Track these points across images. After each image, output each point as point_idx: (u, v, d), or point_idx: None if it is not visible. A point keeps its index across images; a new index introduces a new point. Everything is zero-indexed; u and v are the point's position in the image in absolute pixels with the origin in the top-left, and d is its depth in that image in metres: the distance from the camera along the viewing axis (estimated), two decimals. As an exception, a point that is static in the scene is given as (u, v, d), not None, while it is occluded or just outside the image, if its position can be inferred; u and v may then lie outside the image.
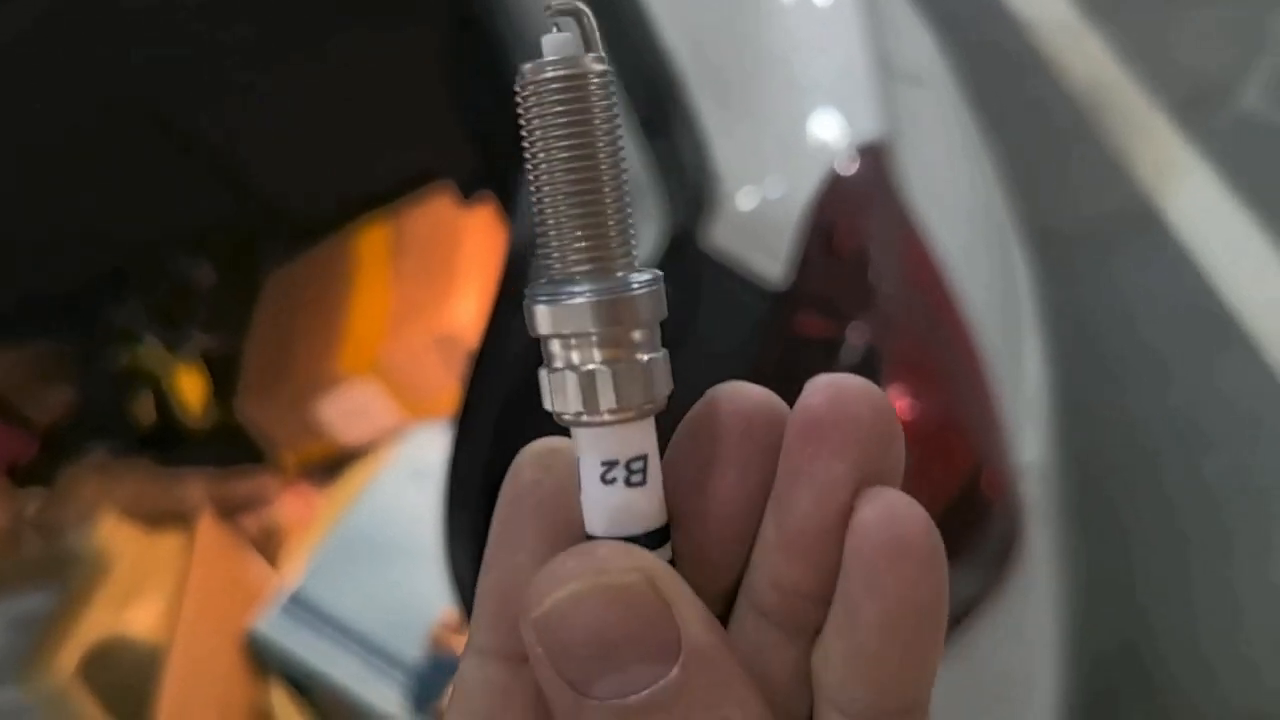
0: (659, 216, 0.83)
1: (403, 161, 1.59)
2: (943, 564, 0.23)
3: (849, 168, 0.86)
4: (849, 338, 0.79)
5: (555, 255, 0.24)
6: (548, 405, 0.25)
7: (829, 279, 0.82)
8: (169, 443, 1.77)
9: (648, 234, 0.84)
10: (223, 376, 1.73)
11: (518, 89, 0.24)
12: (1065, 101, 2.28)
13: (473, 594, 0.83)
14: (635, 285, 0.24)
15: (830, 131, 0.89)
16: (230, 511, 1.57)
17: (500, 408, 0.84)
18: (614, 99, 0.24)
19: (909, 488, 0.74)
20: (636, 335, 0.24)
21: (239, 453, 1.66)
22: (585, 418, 0.24)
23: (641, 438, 0.25)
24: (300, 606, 1.37)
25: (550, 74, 0.23)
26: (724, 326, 0.75)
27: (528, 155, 0.24)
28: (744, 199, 0.82)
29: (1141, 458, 1.76)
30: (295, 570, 1.41)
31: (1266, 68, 2.18)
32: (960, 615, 0.85)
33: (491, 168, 1.15)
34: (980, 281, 1.01)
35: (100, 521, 1.35)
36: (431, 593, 1.37)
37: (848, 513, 0.23)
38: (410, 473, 1.44)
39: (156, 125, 1.51)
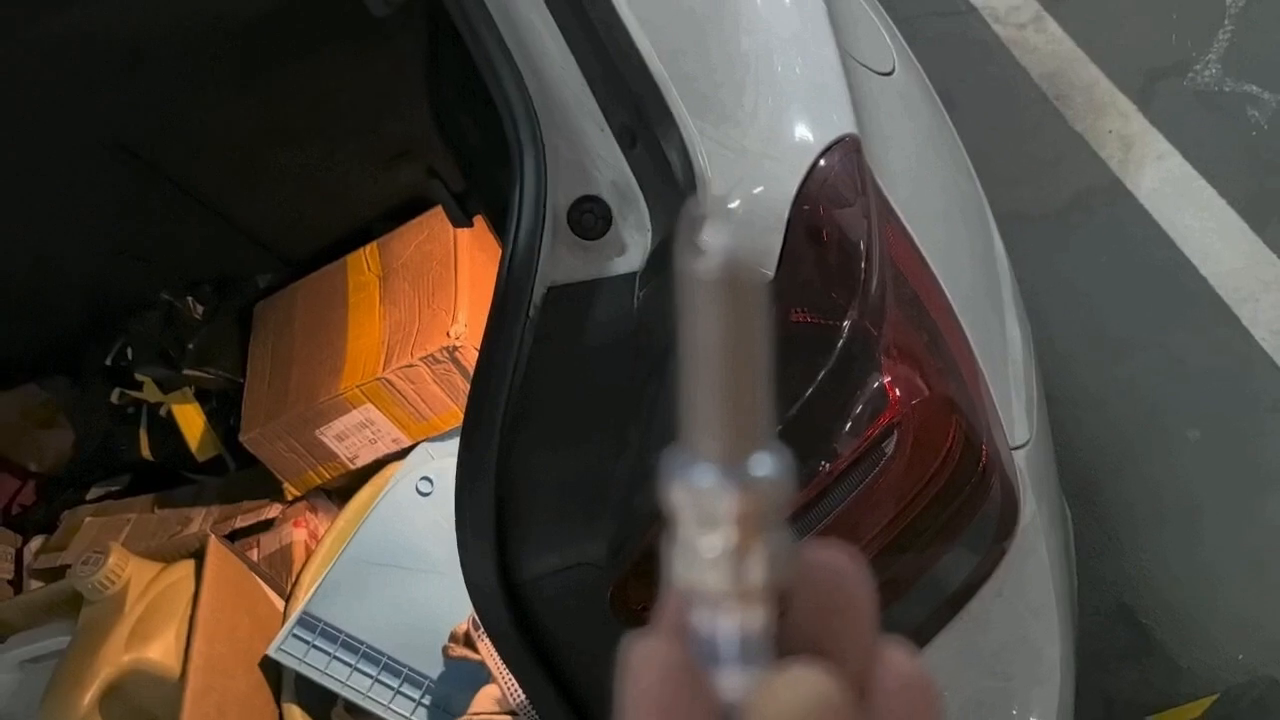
0: (649, 223, 0.86)
1: (389, 186, 1.61)
2: None
3: (828, 162, 0.88)
4: (840, 325, 0.81)
5: (705, 436, 0.25)
6: (677, 578, 0.26)
7: (817, 271, 0.84)
8: (170, 478, 1.78)
9: (639, 242, 0.86)
10: (220, 408, 1.74)
11: (690, 285, 0.24)
12: (1028, 84, 2.32)
13: (489, 603, 0.84)
14: (769, 472, 0.25)
15: (807, 128, 0.91)
16: (235, 540, 1.58)
17: (504, 421, 0.85)
18: (767, 300, 0.25)
19: (908, 467, 0.76)
20: (768, 519, 0.25)
21: (242, 483, 1.67)
22: (720, 597, 0.26)
23: (767, 614, 0.26)
24: (312, 629, 1.38)
25: (721, 277, 0.24)
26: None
27: (685, 343, 0.24)
28: (730, 199, 0.84)
29: (1120, 429, 1.80)
30: (306, 594, 1.43)
31: (1224, 40, 2.23)
32: (966, 588, 0.88)
33: (480, 186, 1.16)
34: (961, 264, 1.04)
35: (106, 559, 1.36)
36: (443, 606, 1.38)
37: None
38: (414, 492, 1.46)
39: (138, 164, 1.52)
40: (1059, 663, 1.00)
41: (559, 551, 0.88)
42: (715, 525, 0.25)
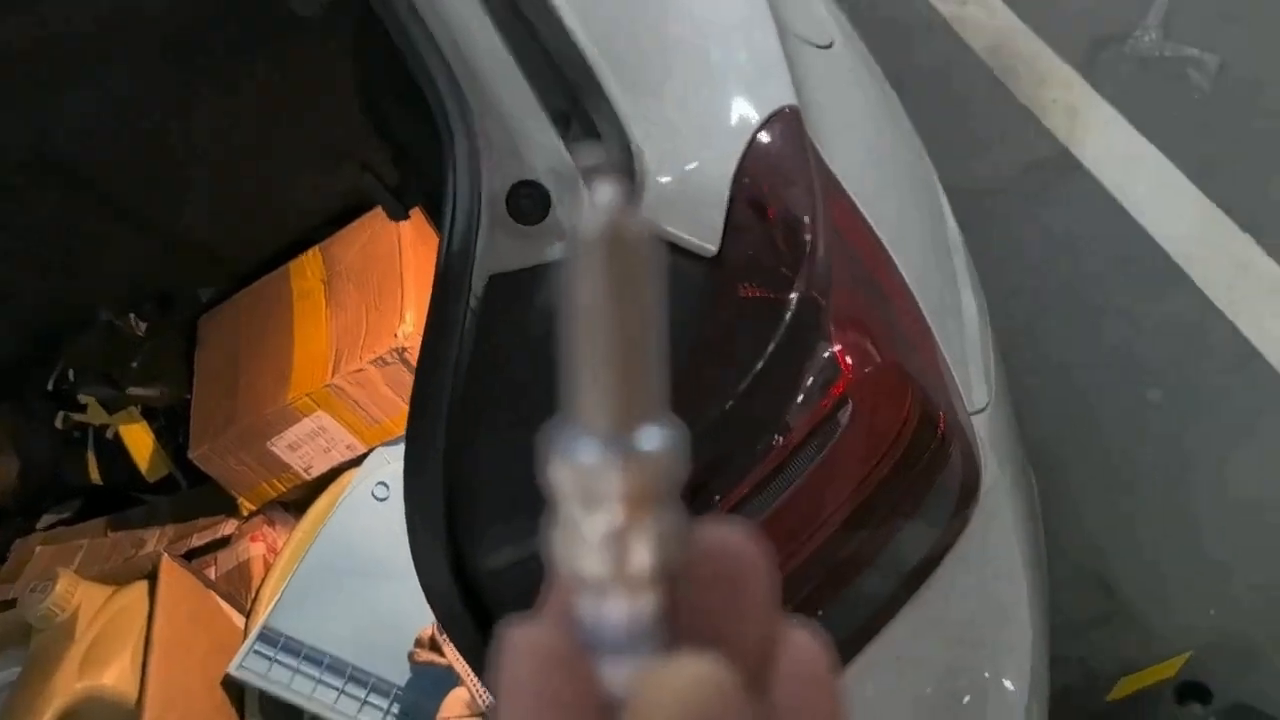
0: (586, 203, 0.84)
1: (329, 190, 1.58)
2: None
3: (768, 135, 0.87)
4: (788, 297, 0.80)
5: (588, 407, 0.23)
6: (560, 562, 0.24)
7: (762, 244, 0.83)
8: (122, 500, 1.74)
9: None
10: (168, 426, 1.70)
11: (573, 244, 0.22)
12: (972, 59, 2.33)
13: (445, 601, 0.81)
14: (658, 445, 0.23)
15: (746, 101, 0.90)
16: (192, 559, 1.54)
17: (450, 413, 0.83)
18: (659, 261, 0.23)
19: (865, 437, 0.74)
20: (658, 498, 0.24)
21: (196, 500, 1.64)
22: (605, 582, 0.24)
23: (656, 599, 0.24)
24: (274, 644, 1.35)
25: (607, 235, 0.22)
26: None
27: (569, 307, 0.23)
28: (666, 175, 0.83)
29: (1082, 395, 1.80)
30: (266, 608, 1.40)
31: (1162, 5, 2.24)
32: (931, 556, 0.87)
33: (418, 179, 1.14)
34: (910, 233, 1.03)
35: (54, 586, 1.32)
36: (405, 611, 1.36)
37: None
38: (371, 497, 1.43)
39: (67, 180, 1.49)
40: (1029, 626, 0.99)
41: (516, 544, 0.86)
42: (599, 504, 0.23)
